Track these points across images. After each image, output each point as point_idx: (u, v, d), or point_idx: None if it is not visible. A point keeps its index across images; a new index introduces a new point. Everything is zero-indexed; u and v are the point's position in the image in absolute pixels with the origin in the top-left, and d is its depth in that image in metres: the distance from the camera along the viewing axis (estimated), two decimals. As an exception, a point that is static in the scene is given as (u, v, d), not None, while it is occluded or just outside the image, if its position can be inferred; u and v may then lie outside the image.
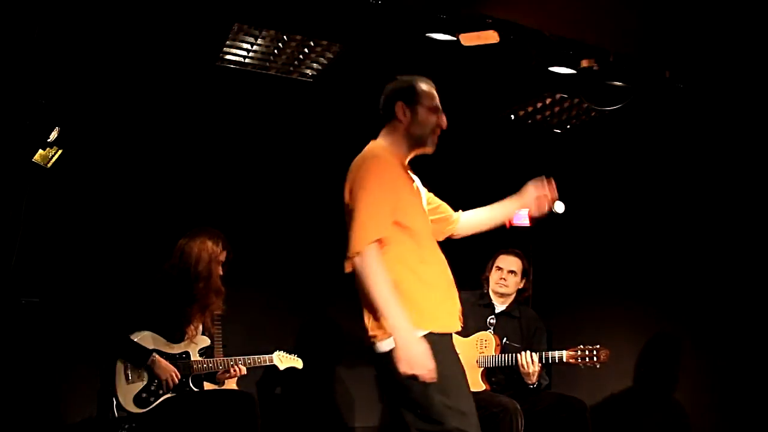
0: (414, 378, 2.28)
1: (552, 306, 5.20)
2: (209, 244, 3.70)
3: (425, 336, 2.36)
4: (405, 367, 2.26)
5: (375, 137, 2.69)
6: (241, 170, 4.92)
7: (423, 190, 2.74)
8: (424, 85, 2.60)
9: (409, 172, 2.63)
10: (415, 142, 2.59)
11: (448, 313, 2.51)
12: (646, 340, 4.66)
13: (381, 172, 2.42)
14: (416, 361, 2.26)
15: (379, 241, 2.35)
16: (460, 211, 2.90)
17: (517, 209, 2.91)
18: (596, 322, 4.97)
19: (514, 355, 3.81)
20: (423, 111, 2.56)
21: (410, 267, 2.41)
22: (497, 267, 4.14)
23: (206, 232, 3.75)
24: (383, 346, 2.36)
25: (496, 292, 4.13)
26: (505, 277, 4.09)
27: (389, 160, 2.50)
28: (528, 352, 3.76)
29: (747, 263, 4.07)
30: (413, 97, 2.56)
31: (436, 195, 2.88)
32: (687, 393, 4.37)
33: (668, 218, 4.60)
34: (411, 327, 2.29)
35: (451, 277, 2.61)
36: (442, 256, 2.59)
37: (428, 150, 2.62)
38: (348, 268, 2.37)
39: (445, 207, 2.87)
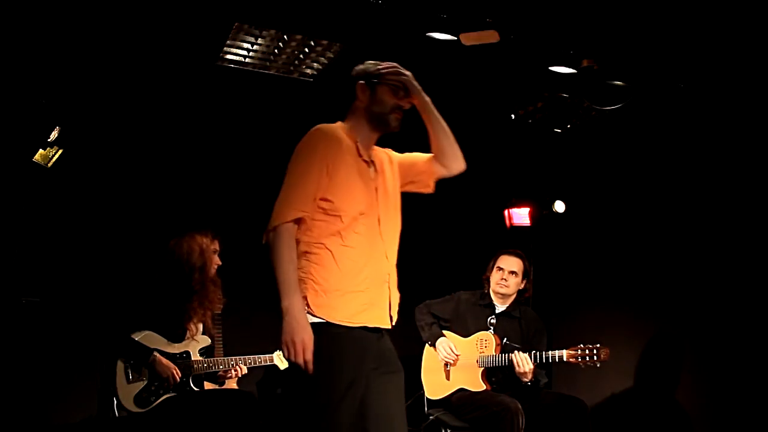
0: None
1: (552, 306, 5.21)
2: (197, 237, 3.73)
3: (324, 325, 2.32)
4: (285, 351, 2.28)
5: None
6: (242, 170, 4.92)
7: (393, 161, 2.64)
8: (385, 65, 2.57)
9: (367, 151, 2.54)
10: (376, 120, 2.54)
11: (360, 305, 2.37)
12: (646, 339, 4.66)
13: (314, 148, 2.41)
14: (296, 348, 2.26)
15: (303, 219, 2.36)
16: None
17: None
18: (596, 322, 4.97)
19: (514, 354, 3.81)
20: (382, 90, 2.52)
21: (329, 250, 2.37)
22: (498, 267, 4.14)
23: (193, 230, 3.77)
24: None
25: (496, 293, 4.13)
26: (506, 278, 4.09)
27: (330, 138, 2.44)
28: (518, 353, 3.76)
29: (747, 263, 4.06)
30: (371, 76, 2.54)
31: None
32: (687, 393, 4.37)
33: (669, 218, 4.59)
34: (302, 314, 2.29)
35: (385, 267, 2.47)
36: (379, 245, 2.45)
37: (392, 129, 2.55)
38: (264, 240, 2.39)
39: (422, 155, 2.72)
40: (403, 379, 2.51)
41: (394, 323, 2.51)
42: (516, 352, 3.79)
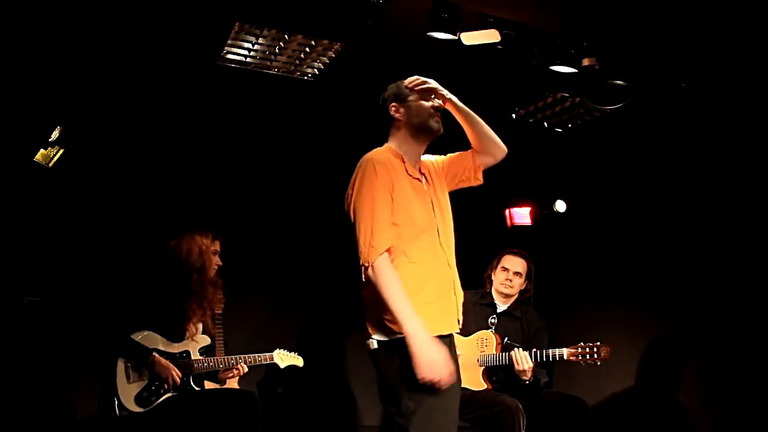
0: (403, 380, 2.36)
1: (553, 306, 5.20)
2: (197, 237, 3.72)
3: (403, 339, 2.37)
4: (425, 372, 2.30)
5: (376, 136, 2.72)
6: (243, 170, 4.92)
7: (436, 167, 2.77)
8: (406, 81, 2.69)
9: (414, 166, 2.65)
10: (419, 130, 2.65)
11: (433, 315, 2.48)
12: (647, 339, 4.66)
13: (372, 178, 2.48)
14: (434, 366, 2.31)
15: (388, 249, 2.43)
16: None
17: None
18: (597, 322, 4.97)
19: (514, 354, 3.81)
20: (414, 101, 2.64)
21: (398, 269, 2.45)
22: (503, 268, 4.12)
23: (193, 229, 3.77)
24: (372, 343, 2.48)
25: (500, 292, 4.12)
26: (511, 279, 4.08)
27: (383, 163, 2.53)
28: (518, 351, 3.76)
29: (748, 263, 4.06)
30: (401, 95, 2.66)
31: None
32: (688, 392, 4.36)
33: (669, 218, 4.59)
34: (427, 333, 2.34)
35: (449, 275, 2.60)
36: (441, 256, 2.58)
37: (435, 132, 2.66)
38: (364, 278, 2.46)
39: (463, 157, 2.84)
40: (460, 383, 2.66)
41: (461, 325, 2.66)
42: (516, 350, 3.79)
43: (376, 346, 2.47)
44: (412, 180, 2.60)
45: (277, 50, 4.13)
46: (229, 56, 4.20)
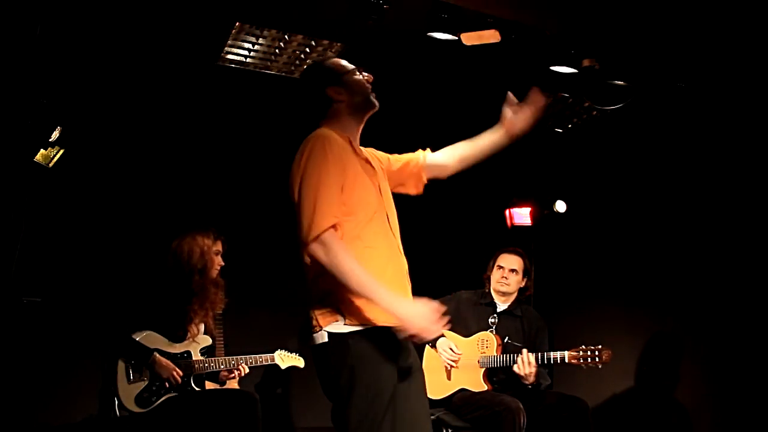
0: (341, 373, 2.19)
1: (553, 305, 5.20)
2: (199, 237, 3.72)
3: (368, 330, 2.21)
4: (424, 333, 2.15)
5: (375, 135, 2.69)
6: (243, 170, 4.92)
7: (381, 160, 2.64)
8: (334, 61, 2.57)
9: (360, 148, 2.52)
10: (361, 108, 2.51)
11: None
12: (648, 339, 4.66)
13: (323, 151, 2.30)
14: (425, 325, 2.15)
15: (334, 225, 2.21)
16: (426, 150, 2.74)
17: (503, 131, 2.79)
18: (598, 322, 4.97)
19: (514, 355, 3.80)
20: (349, 78, 2.51)
21: (355, 253, 2.21)
22: (498, 266, 4.14)
23: (195, 229, 3.77)
24: (318, 337, 2.28)
25: (497, 291, 4.13)
26: (507, 276, 4.09)
27: (334, 139, 2.37)
28: (525, 353, 3.74)
29: (748, 263, 4.06)
30: (334, 76, 2.51)
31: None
32: (688, 392, 4.36)
33: (669, 217, 4.59)
34: (401, 299, 2.20)
35: (402, 262, 2.42)
36: (393, 241, 2.40)
37: (375, 107, 2.53)
38: (306, 258, 2.25)
39: (414, 157, 2.71)
40: (423, 376, 2.47)
41: None
42: (520, 354, 3.76)
43: (326, 339, 2.24)
44: (361, 161, 2.44)
45: (277, 50, 4.13)
46: (230, 56, 4.20)
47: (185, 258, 3.66)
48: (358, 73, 2.53)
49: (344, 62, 2.56)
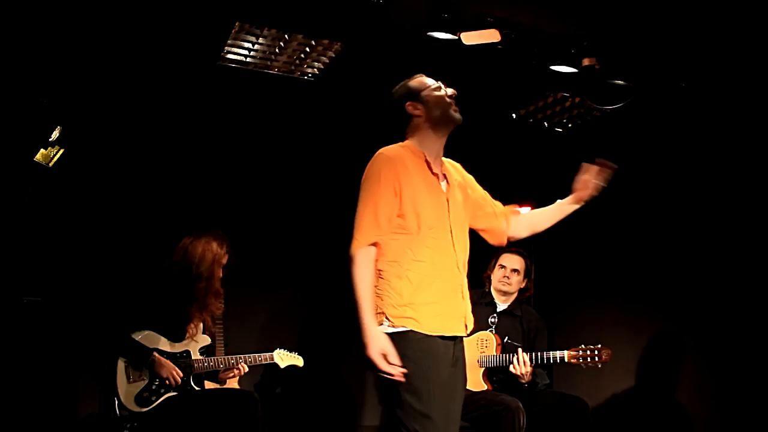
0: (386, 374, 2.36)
1: (553, 305, 5.20)
2: (214, 245, 3.69)
3: (406, 333, 2.41)
4: (374, 361, 2.35)
5: (375, 136, 2.71)
6: (243, 170, 4.92)
7: (465, 179, 2.78)
8: (416, 77, 2.70)
9: (439, 161, 2.65)
10: (440, 122, 2.63)
11: (434, 315, 2.46)
12: (647, 339, 4.65)
13: (378, 173, 2.49)
14: (378, 359, 2.34)
15: (378, 243, 2.46)
16: (514, 209, 2.92)
17: (572, 203, 2.98)
18: (597, 321, 4.97)
19: (514, 355, 3.80)
20: (428, 94, 2.63)
21: (402, 265, 2.47)
22: (500, 265, 4.14)
23: (211, 232, 3.74)
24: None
25: (498, 291, 4.13)
26: (509, 276, 4.09)
27: (393, 159, 2.52)
28: (521, 353, 3.75)
29: (749, 263, 4.06)
30: (414, 92, 2.65)
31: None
32: (688, 392, 4.36)
33: (670, 217, 4.59)
34: (375, 329, 2.37)
35: (458, 278, 2.56)
36: (450, 257, 2.54)
37: (457, 121, 2.64)
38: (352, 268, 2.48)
39: (493, 202, 2.87)
40: (465, 386, 2.65)
41: (469, 331, 2.61)
42: (517, 354, 3.77)
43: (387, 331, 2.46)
44: (429, 176, 2.59)
45: (277, 50, 4.13)
46: (230, 56, 4.19)
47: (195, 261, 3.64)
48: (439, 89, 2.65)
49: (427, 79, 2.69)
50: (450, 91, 2.66)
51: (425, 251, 2.49)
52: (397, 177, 2.49)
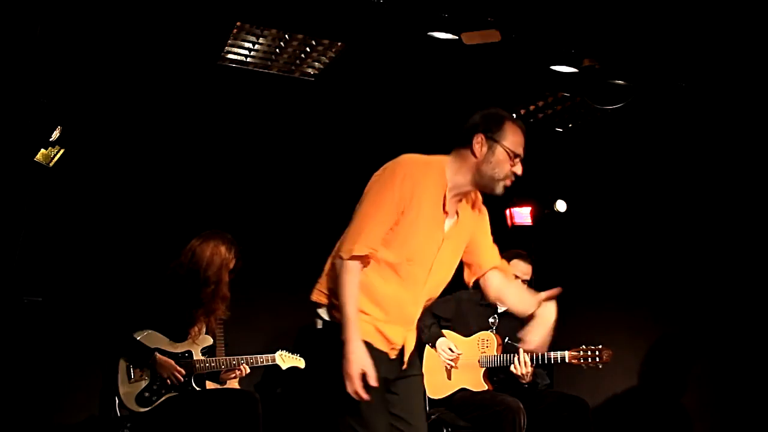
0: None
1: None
2: (222, 249, 3.67)
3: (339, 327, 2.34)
4: (348, 375, 2.26)
5: (376, 136, 2.69)
6: (243, 170, 4.93)
7: (478, 221, 2.60)
8: (514, 126, 2.43)
9: (454, 204, 2.46)
10: (484, 179, 2.42)
11: (371, 331, 2.39)
12: (648, 338, 4.66)
13: (393, 183, 2.33)
14: (354, 378, 2.25)
15: (366, 255, 2.34)
16: (500, 270, 2.73)
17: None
18: (597, 321, 4.97)
19: (514, 355, 3.80)
20: (500, 152, 2.39)
21: (367, 276, 2.38)
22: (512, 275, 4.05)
23: (220, 236, 3.71)
24: (323, 315, 2.45)
25: None
26: None
27: (415, 177, 2.34)
28: (522, 354, 3.74)
29: (749, 263, 4.06)
30: (496, 132, 2.38)
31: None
32: (688, 392, 4.36)
33: (670, 218, 4.59)
34: (360, 348, 2.28)
35: (409, 313, 2.48)
36: (413, 290, 2.44)
37: (495, 192, 2.46)
38: (328, 264, 2.43)
39: (489, 250, 2.69)
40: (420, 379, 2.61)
41: (403, 367, 2.50)
42: (517, 354, 3.77)
43: (326, 319, 2.44)
44: (438, 212, 2.40)
45: (277, 50, 4.13)
46: (230, 56, 4.19)
47: (203, 265, 3.61)
48: (513, 158, 2.41)
49: (517, 135, 2.42)
50: (518, 169, 2.45)
51: (393, 275, 2.39)
52: (409, 197, 2.33)
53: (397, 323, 2.46)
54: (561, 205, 5.16)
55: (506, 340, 4.00)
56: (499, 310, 4.12)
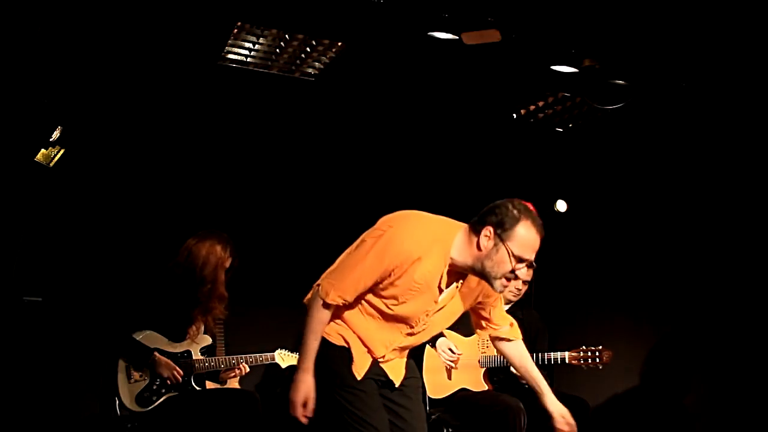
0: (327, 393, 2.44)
1: (553, 305, 5.20)
2: (218, 248, 3.68)
3: (330, 343, 2.46)
4: (292, 399, 2.41)
5: (376, 136, 2.70)
6: (243, 170, 4.92)
7: (481, 295, 2.60)
8: (527, 228, 2.33)
9: (451, 281, 2.45)
10: (481, 274, 2.38)
11: (359, 341, 2.49)
12: (648, 339, 4.66)
13: (386, 250, 2.32)
14: (293, 406, 2.41)
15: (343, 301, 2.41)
16: (511, 336, 2.80)
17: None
18: (598, 322, 4.97)
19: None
20: (505, 252, 2.31)
21: (354, 310, 2.47)
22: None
23: (216, 235, 3.72)
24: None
25: (506, 299, 4.09)
26: (521, 288, 4.05)
27: (408, 252, 2.31)
28: None
29: (750, 263, 4.06)
30: (505, 231, 2.31)
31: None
32: (688, 392, 4.36)
33: (671, 218, 4.59)
34: (308, 379, 2.40)
35: (387, 342, 2.50)
36: (396, 332, 2.50)
37: (494, 290, 2.44)
38: (308, 296, 2.51)
39: (494, 318, 2.74)
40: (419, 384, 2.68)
41: (396, 385, 2.56)
42: None
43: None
44: (431, 285, 2.38)
45: (277, 50, 4.13)
46: (230, 56, 4.20)
47: (199, 264, 3.62)
48: (519, 262, 2.34)
49: (527, 240, 2.33)
50: (522, 274, 2.43)
51: (376, 316, 2.47)
52: (399, 269, 2.32)
53: (384, 339, 2.50)
54: (561, 205, 5.16)
55: (506, 340, 3.99)
56: (500, 310, 4.12)
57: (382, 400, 2.51)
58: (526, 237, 2.32)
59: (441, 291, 2.42)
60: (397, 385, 2.55)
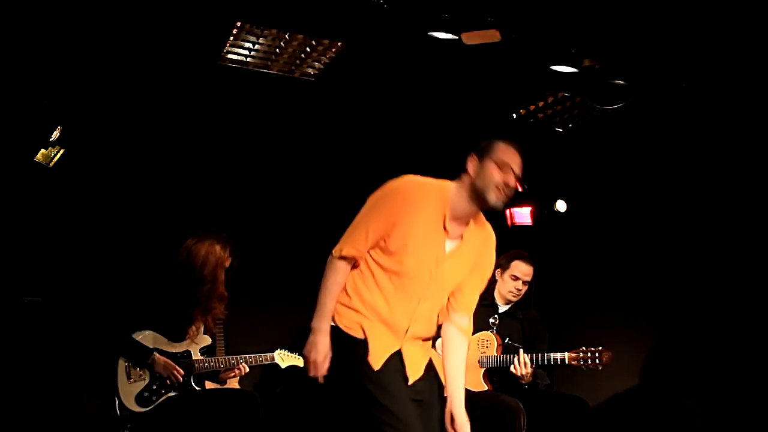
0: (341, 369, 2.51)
1: (553, 305, 5.20)
2: (217, 248, 3.68)
3: (349, 336, 2.52)
4: (308, 360, 2.50)
5: (376, 136, 2.72)
6: (243, 170, 4.93)
7: (481, 254, 2.67)
8: (505, 144, 2.59)
9: (458, 226, 2.56)
10: (477, 195, 2.53)
11: (360, 326, 2.54)
12: (648, 339, 4.66)
13: (387, 201, 2.51)
14: (308, 365, 2.50)
15: (356, 257, 2.53)
16: (458, 327, 2.72)
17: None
18: (597, 322, 4.97)
19: (514, 356, 3.80)
20: (489, 164, 2.53)
21: (363, 273, 2.56)
22: (513, 276, 4.03)
23: (215, 235, 3.72)
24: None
25: (505, 299, 4.09)
26: (521, 288, 4.04)
27: (410, 198, 2.49)
28: (522, 354, 3.74)
29: (750, 264, 4.06)
30: (482, 151, 2.56)
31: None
32: (688, 392, 4.36)
33: (671, 218, 4.59)
34: (324, 337, 2.49)
35: (399, 321, 2.54)
36: (407, 303, 2.54)
37: (491, 207, 2.56)
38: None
39: (462, 301, 2.71)
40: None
41: (410, 379, 2.54)
42: (517, 354, 3.76)
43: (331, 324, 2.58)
44: (439, 230, 2.52)
45: (277, 50, 4.13)
46: (230, 56, 4.20)
47: (198, 264, 3.62)
48: (504, 169, 2.53)
49: (507, 152, 2.56)
50: (511, 180, 2.55)
51: (389, 285, 2.53)
52: (401, 216, 2.48)
53: (386, 331, 2.54)
54: (561, 205, 5.16)
55: (506, 341, 3.99)
56: (500, 311, 4.12)
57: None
58: (504, 148, 2.57)
59: (447, 233, 2.54)
60: (410, 383, 2.54)
